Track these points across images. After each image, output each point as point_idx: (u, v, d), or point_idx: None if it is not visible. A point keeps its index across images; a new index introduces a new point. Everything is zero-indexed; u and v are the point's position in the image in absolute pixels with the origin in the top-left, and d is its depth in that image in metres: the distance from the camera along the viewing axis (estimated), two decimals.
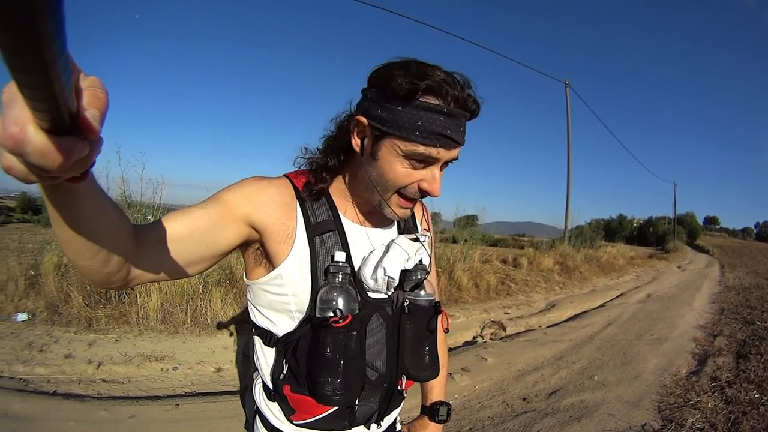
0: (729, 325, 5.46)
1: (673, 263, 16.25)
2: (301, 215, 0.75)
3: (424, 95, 0.65)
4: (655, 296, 7.97)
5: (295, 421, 0.78)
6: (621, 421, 2.71)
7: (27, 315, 3.70)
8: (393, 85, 0.65)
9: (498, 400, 3.01)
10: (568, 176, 13.98)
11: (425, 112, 0.65)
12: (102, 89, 0.32)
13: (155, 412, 2.49)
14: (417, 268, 0.82)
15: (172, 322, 3.80)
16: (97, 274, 0.54)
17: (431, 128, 0.65)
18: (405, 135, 0.66)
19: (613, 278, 10.40)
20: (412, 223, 0.92)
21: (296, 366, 0.74)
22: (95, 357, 3.15)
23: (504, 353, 3.97)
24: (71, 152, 0.30)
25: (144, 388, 2.89)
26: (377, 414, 0.81)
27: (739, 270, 14.10)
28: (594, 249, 12.64)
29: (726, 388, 3.25)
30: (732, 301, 7.49)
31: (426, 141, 0.66)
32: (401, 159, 0.69)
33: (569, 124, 14.03)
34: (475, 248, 7.71)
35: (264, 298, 0.77)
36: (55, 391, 2.71)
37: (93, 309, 3.73)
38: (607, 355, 4.13)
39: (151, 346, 3.39)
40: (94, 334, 3.50)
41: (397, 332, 0.80)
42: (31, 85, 0.25)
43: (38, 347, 3.19)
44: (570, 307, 6.46)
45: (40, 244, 4.72)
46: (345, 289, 0.72)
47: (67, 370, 3.00)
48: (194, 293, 4.04)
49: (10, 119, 0.27)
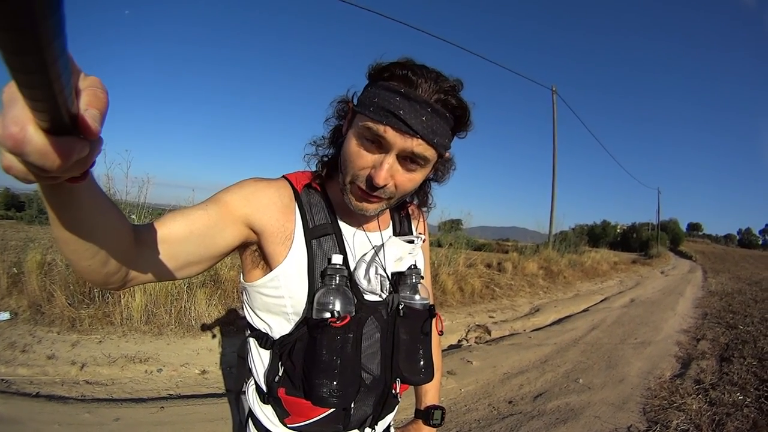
0: (712, 329, 5.57)
1: (657, 269, 16.54)
2: (299, 217, 0.75)
3: (390, 78, 0.66)
4: (638, 301, 8.08)
5: (289, 424, 0.77)
6: (607, 423, 2.74)
7: (9, 314, 3.62)
8: (371, 71, 0.69)
9: (484, 403, 3.03)
10: (553, 181, 14.15)
11: (383, 91, 0.65)
12: (102, 89, 0.32)
13: (140, 415, 2.45)
14: (411, 271, 0.82)
15: (156, 323, 3.75)
16: (96, 275, 0.54)
17: (383, 105, 0.64)
18: (362, 110, 0.67)
19: (596, 283, 10.52)
20: (408, 227, 0.93)
21: (292, 368, 0.73)
22: (78, 358, 3.09)
23: (489, 357, 4.00)
24: (71, 152, 0.30)
25: (128, 390, 2.84)
26: (371, 418, 0.81)
27: (721, 275, 14.41)
28: (578, 254, 12.80)
29: (710, 390, 3.31)
30: (715, 305, 7.62)
31: (375, 116, 0.65)
32: (356, 136, 0.69)
33: (555, 130, 14.22)
34: (459, 252, 7.76)
35: (260, 300, 0.76)
36: (38, 393, 2.65)
37: (76, 309, 3.66)
38: (592, 358, 4.18)
39: (135, 348, 3.34)
40: (77, 334, 3.43)
41: (392, 336, 0.80)
42: (31, 85, 0.25)
43: (20, 347, 3.12)
44: (554, 311, 6.52)
45: (23, 242, 4.63)
46: (342, 292, 0.72)
47: (50, 371, 2.93)
48: (178, 294, 3.99)
49: (10, 119, 0.27)
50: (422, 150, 0.66)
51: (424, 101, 0.64)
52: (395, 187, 0.70)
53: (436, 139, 0.67)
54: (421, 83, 0.64)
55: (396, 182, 0.69)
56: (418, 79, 0.64)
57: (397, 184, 0.70)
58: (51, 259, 4.12)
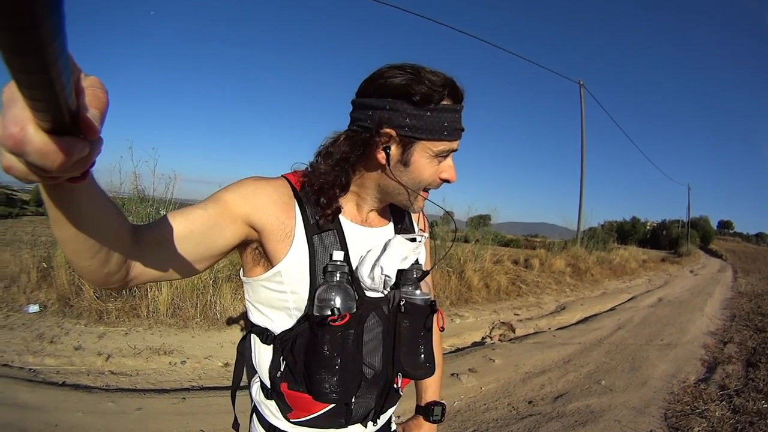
0: (740, 332, 5.37)
1: (686, 267, 16.03)
2: (299, 214, 0.75)
3: (444, 99, 0.72)
4: (666, 301, 7.86)
5: (293, 419, 0.78)
6: (627, 428, 2.68)
7: (39, 307, 3.77)
8: (420, 95, 0.70)
9: (503, 402, 3.00)
10: (582, 177, 13.85)
11: (448, 114, 0.72)
12: (102, 89, 0.32)
13: (162, 405, 2.53)
14: (413, 267, 0.83)
15: (181, 316, 3.85)
16: (97, 275, 0.55)
17: (453, 126, 0.73)
18: (436, 137, 0.72)
19: (624, 281, 10.28)
20: (409, 223, 0.93)
21: (294, 363, 0.74)
22: (104, 349, 3.21)
23: (512, 355, 3.95)
24: (71, 152, 0.30)
25: (152, 381, 2.93)
26: (373, 411, 0.82)
27: (752, 276, 13.83)
28: (606, 251, 12.50)
29: (734, 396, 3.19)
30: (744, 307, 7.35)
31: (451, 137, 0.74)
32: (432, 159, 0.75)
33: (583, 125, 13.88)
34: (486, 248, 7.66)
35: (263, 294, 0.77)
36: (63, 382, 2.76)
37: (104, 302, 3.79)
38: (616, 359, 4.09)
39: (160, 340, 3.44)
40: (104, 326, 3.56)
41: (394, 331, 0.81)
42: (31, 85, 0.25)
43: (49, 338, 3.25)
44: (580, 309, 6.40)
45: (52, 237, 4.79)
46: (343, 288, 0.72)
47: (76, 361, 3.05)
48: (204, 288, 4.08)
49: (10, 119, 0.27)
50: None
51: (462, 107, 0.76)
52: None
53: None
54: (459, 94, 0.74)
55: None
56: (455, 91, 0.73)
57: None
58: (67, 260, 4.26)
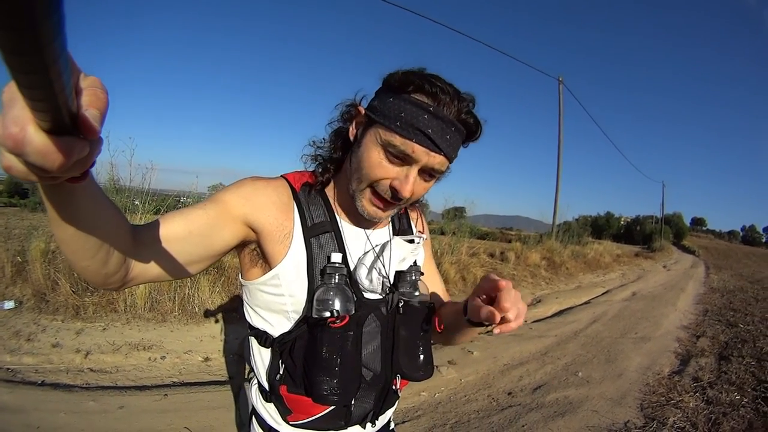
0: (712, 327, 5.56)
1: (659, 262, 16.47)
2: (298, 216, 0.75)
3: (416, 92, 0.66)
4: (640, 295, 8.07)
5: (292, 421, 0.78)
6: (604, 418, 2.76)
7: (14, 303, 3.65)
8: (390, 78, 0.68)
9: (484, 394, 3.06)
10: (558, 172, 14.04)
11: (410, 106, 0.66)
12: (102, 89, 0.32)
13: (144, 403, 2.49)
14: (411, 269, 0.83)
15: (159, 310, 3.78)
16: (96, 275, 0.55)
17: (411, 122, 0.65)
18: (387, 123, 0.67)
19: (599, 275, 10.50)
20: (407, 224, 0.93)
21: (293, 366, 0.74)
22: (83, 346, 3.13)
23: (490, 347, 4.02)
24: (71, 152, 0.30)
25: (132, 378, 2.88)
26: (372, 413, 0.82)
27: (724, 272, 14.31)
28: (581, 245, 12.76)
29: (707, 388, 3.32)
30: (716, 302, 7.60)
31: (403, 132, 0.66)
32: (378, 147, 0.69)
33: (561, 121, 14.06)
34: (462, 241, 7.73)
35: (260, 298, 0.77)
36: (43, 381, 2.69)
37: (80, 297, 3.69)
38: (592, 351, 4.20)
39: (138, 335, 3.37)
40: (81, 322, 3.46)
41: (392, 332, 0.81)
42: (31, 85, 0.25)
43: (25, 336, 3.15)
44: (556, 302, 6.53)
45: (27, 230, 4.64)
46: (341, 290, 0.72)
47: (54, 359, 2.97)
48: (182, 281, 4.02)
49: (10, 119, 0.27)
50: (441, 165, 0.70)
51: (450, 121, 0.67)
52: (411, 194, 0.71)
53: (453, 155, 0.70)
54: (447, 101, 0.66)
55: (414, 192, 0.71)
56: (445, 97, 0.66)
57: (414, 193, 0.72)
58: (55, 247, 4.13)
